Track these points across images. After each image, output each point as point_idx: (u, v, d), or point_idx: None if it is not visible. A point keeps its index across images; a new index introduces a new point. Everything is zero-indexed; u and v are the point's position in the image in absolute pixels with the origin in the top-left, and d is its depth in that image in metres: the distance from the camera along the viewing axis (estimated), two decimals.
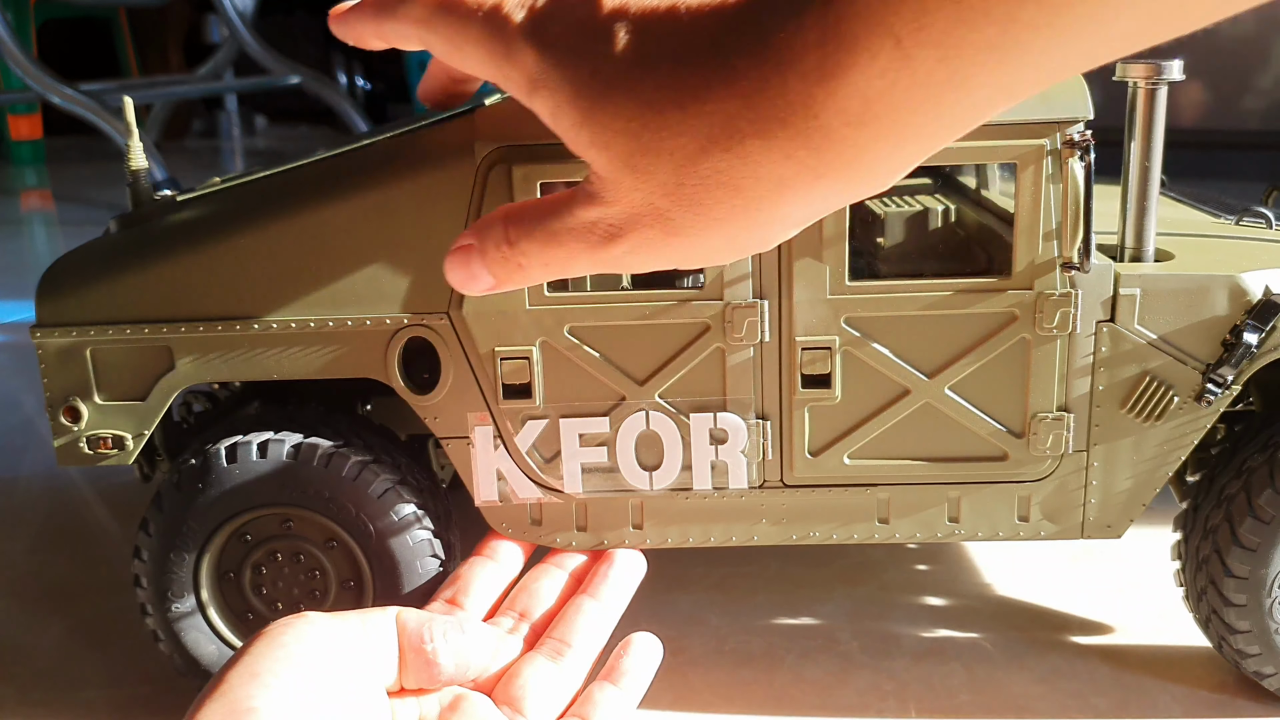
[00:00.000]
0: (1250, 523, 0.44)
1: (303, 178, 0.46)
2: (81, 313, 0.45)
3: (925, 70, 0.25)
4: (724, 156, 0.29)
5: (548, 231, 0.33)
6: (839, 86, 0.26)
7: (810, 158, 0.28)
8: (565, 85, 0.31)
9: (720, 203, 0.30)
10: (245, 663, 0.34)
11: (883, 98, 0.26)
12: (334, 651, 0.36)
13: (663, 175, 0.30)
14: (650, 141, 0.30)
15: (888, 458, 0.45)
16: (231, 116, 2.95)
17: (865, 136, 0.27)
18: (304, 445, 0.45)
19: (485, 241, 0.34)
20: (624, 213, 0.31)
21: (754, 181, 0.29)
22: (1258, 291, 0.43)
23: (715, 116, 0.29)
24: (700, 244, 0.31)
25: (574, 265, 0.33)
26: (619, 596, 0.44)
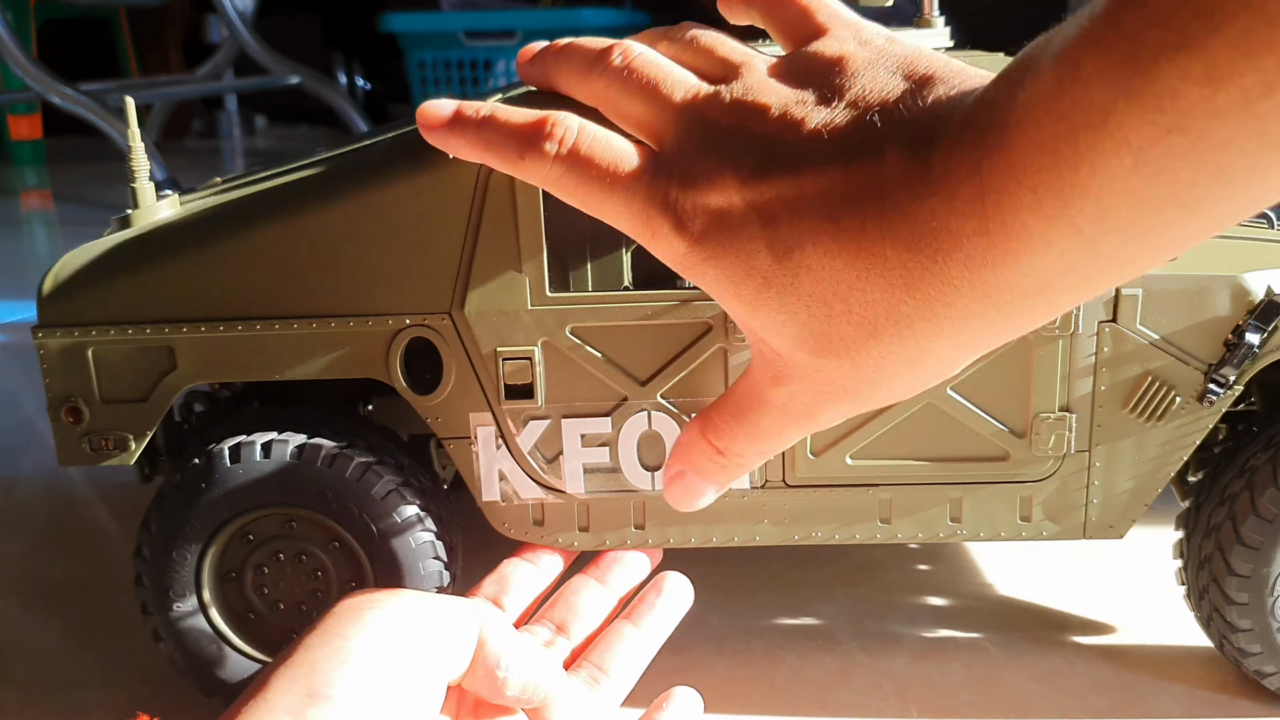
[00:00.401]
0: (1253, 521, 0.44)
1: (304, 178, 0.46)
2: (83, 313, 0.45)
3: (1109, 251, 0.25)
4: (894, 340, 0.29)
5: (750, 426, 0.34)
6: (1012, 270, 0.26)
7: (985, 328, 0.28)
8: (722, 280, 0.31)
9: (899, 374, 0.30)
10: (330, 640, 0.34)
11: (1063, 275, 0.26)
12: (414, 637, 0.35)
13: (838, 358, 0.30)
14: (819, 329, 0.30)
15: (889, 458, 0.45)
16: (231, 116, 2.95)
17: (1044, 302, 0.27)
18: (308, 446, 0.45)
19: (697, 461, 0.35)
20: (810, 389, 0.32)
21: (929, 354, 0.29)
22: (1260, 292, 0.43)
23: (878, 305, 0.28)
24: (889, 397, 0.32)
25: (784, 441, 0.34)
26: (662, 627, 0.44)
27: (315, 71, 2.19)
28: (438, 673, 0.36)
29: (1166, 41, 0.21)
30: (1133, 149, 0.22)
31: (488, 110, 0.35)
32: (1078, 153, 0.23)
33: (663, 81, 0.33)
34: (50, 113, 2.24)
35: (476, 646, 0.37)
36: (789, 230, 0.29)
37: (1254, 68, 0.20)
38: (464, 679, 0.37)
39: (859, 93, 0.30)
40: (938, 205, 0.27)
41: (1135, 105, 0.22)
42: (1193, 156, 0.22)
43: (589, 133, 0.33)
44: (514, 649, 0.38)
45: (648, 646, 0.43)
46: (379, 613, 0.35)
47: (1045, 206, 0.24)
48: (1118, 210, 0.24)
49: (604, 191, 0.33)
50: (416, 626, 0.35)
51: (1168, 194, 0.23)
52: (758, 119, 0.31)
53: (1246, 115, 0.21)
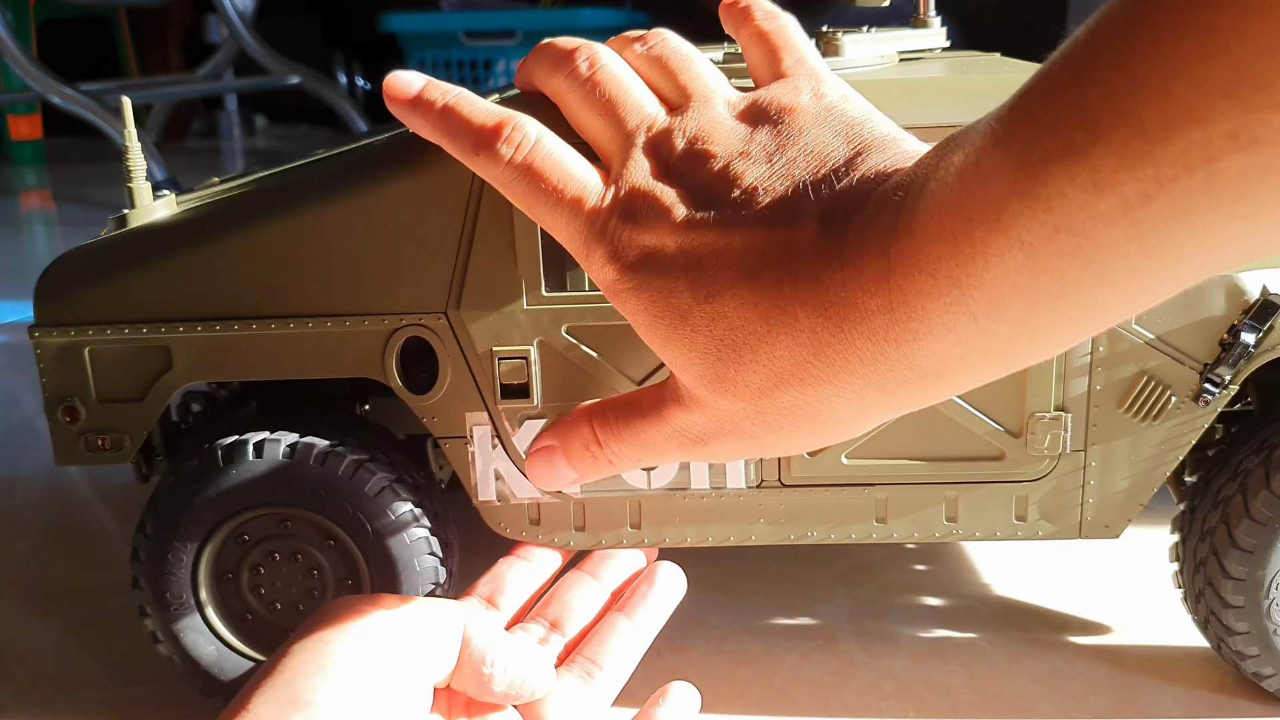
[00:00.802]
0: (1247, 524, 0.44)
1: (301, 178, 0.46)
2: (79, 313, 0.45)
3: (1002, 340, 0.26)
4: (798, 395, 0.30)
5: (636, 434, 0.35)
6: (910, 349, 0.27)
7: (884, 399, 0.29)
8: (642, 311, 0.32)
9: (799, 427, 0.31)
10: (309, 647, 0.34)
11: (959, 360, 0.27)
12: (397, 642, 0.35)
13: (741, 401, 0.31)
14: (726, 373, 0.31)
15: (885, 457, 0.45)
16: (231, 116, 2.95)
17: (941, 384, 0.28)
18: (300, 445, 0.45)
19: (570, 442, 0.36)
20: (709, 423, 0.33)
21: (830, 414, 0.30)
22: (1255, 291, 0.43)
23: (785, 361, 0.30)
24: (787, 448, 0.33)
25: (664, 459, 0.35)
26: (656, 617, 0.44)
27: (315, 71, 2.19)
28: (422, 675, 0.36)
29: (1055, 148, 0.22)
30: (1023, 245, 0.23)
31: (453, 97, 0.36)
32: (974, 246, 0.24)
33: (621, 104, 0.35)
34: (50, 113, 2.25)
35: (461, 645, 0.37)
36: (712, 278, 0.31)
37: (1133, 178, 0.21)
38: (452, 679, 0.38)
39: (798, 151, 0.31)
40: (847, 278, 0.28)
41: (1026, 205, 0.23)
42: (1079, 256, 0.23)
43: (545, 146, 0.34)
44: (499, 645, 0.38)
45: (641, 639, 0.43)
46: (360, 618, 0.35)
47: (944, 293, 0.25)
48: (1010, 303, 0.25)
49: (548, 206, 0.34)
50: (398, 630, 0.35)
51: (1056, 290, 0.24)
52: (701, 165, 0.32)
53: (1127, 221, 0.21)
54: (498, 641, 0.38)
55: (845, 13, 0.53)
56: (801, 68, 0.35)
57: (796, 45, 0.36)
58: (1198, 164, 0.20)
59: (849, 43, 0.45)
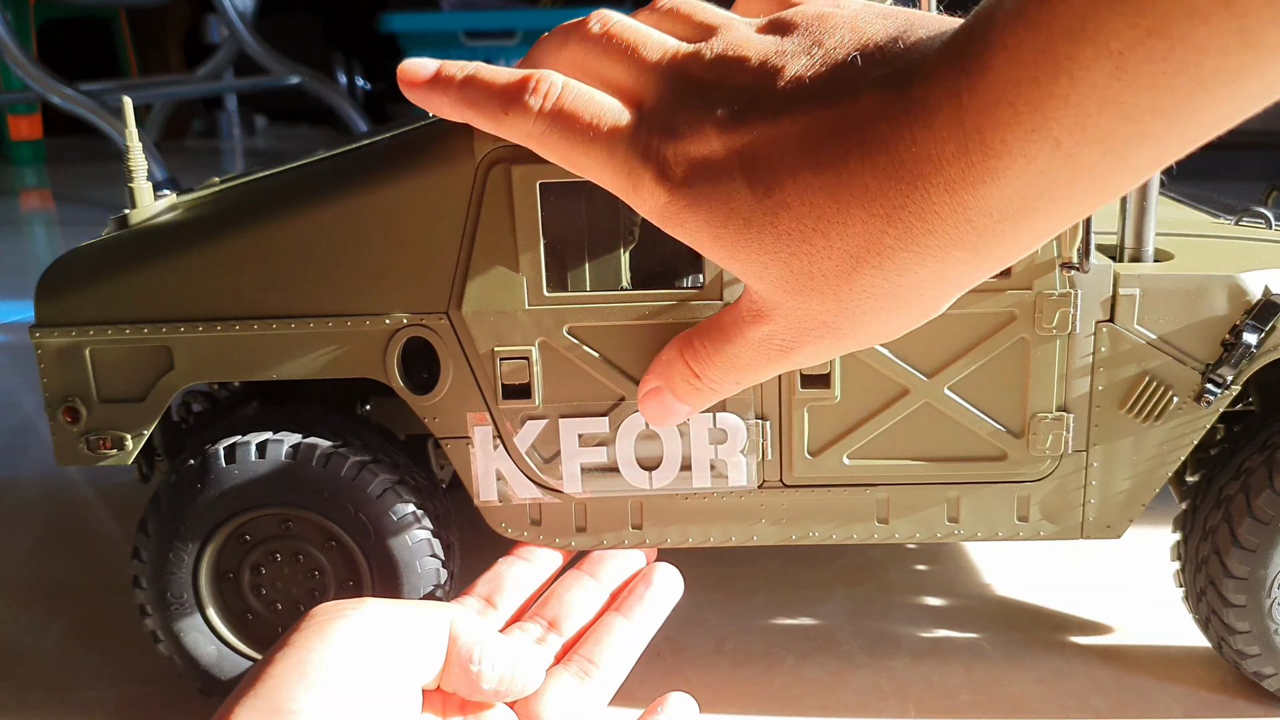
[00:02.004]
0: (1249, 523, 0.44)
1: (302, 178, 0.46)
2: (80, 313, 0.45)
3: (1088, 164, 0.25)
4: (876, 272, 0.29)
5: (727, 357, 0.34)
6: (992, 191, 0.26)
7: (967, 254, 0.28)
8: (703, 226, 0.31)
9: (883, 309, 0.30)
10: (291, 655, 0.34)
11: (1043, 193, 0.26)
12: (382, 647, 0.35)
13: (820, 295, 0.30)
14: (800, 268, 0.30)
15: (887, 458, 0.45)
16: (231, 116, 2.95)
17: (1024, 226, 0.27)
18: (302, 445, 0.45)
19: (672, 379, 0.36)
20: (792, 327, 0.32)
21: (912, 287, 0.29)
22: (1257, 292, 0.43)
23: (859, 238, 0.28)
24: (873, 336, 0.32)
25: (761, 375, 0.34)
26: (653, 618, 0.44)
27: (315, 71, 2.19)
28: (409, 677, 0.36)
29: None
30: (1112, 55, 0.22)
31: (471, 69, 0.35)
32: (1056, 63, 0.23)
33: (641, 45, 0.34)
34: (50, 113, 2.25)
35: (449, 645, 0.37)
36: (769, 169, 0.29)
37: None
38: (441, 680, 0.37)
39: (838, 41, 0.30)
40: (917, 131, 0.27)
41: (1115, 10, 0.22)
42: (1173, 59, 0.22)
43: (572, 89, 0.33)
44: (486, 643, 0.38)
45: (638, 638, 0.43)
46: (343, 623, 0.35)
47: (1024, 121, 0.24)
48: (1097, 120, 0.23)
49: (586, 145, 0.33)
50: (382, 634, 0.35)
51: (1148, 102, 0.23)
52: (738, 70, 0.31)
53: (1228, 14, 0.20)
54: (484, 639, 0.38)
55: None
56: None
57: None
58: None
59: None
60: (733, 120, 0.30)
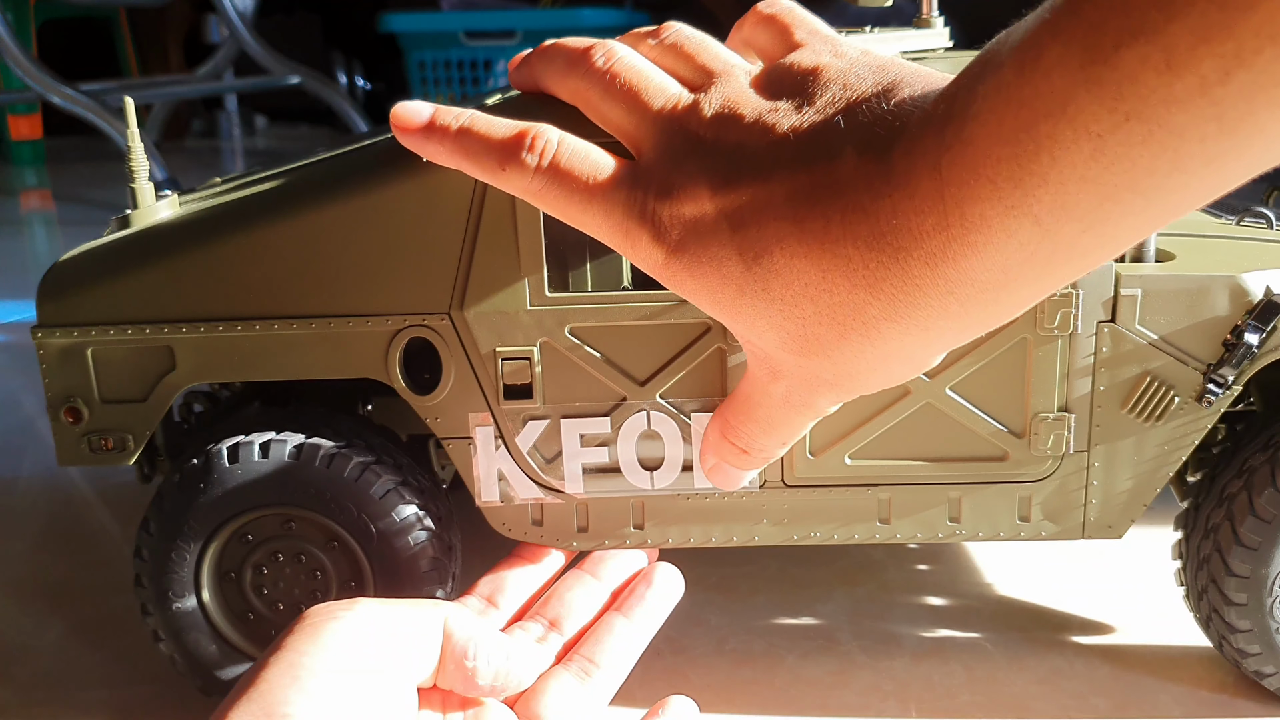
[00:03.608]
0: (1251, 521, 0.44)
1: (304, 178, 0.46)
2: (82, 313, 0.45)
3: (1067, 239, 0.25)
4: (863, 340, 0.29)
5: (760, 423, 0.35)
6: (973, 264, 0.26)
7: (951, 323, 0.28)
8: (700, 290, 0.32)
9: (876, 369, 0.31)
10: (284, 658, 0.34)
11: (1023, 266, 0.26)
12: (374, 647, 0.35)
13: (818, 356, 0.31)
14: (795, 331, 0.30)
15: (888, 458, 0.45)
16: (231, 116, 2.95)
17: (1006, 295, 0.27)
18: (306, 446, 0.45)
19: (725, 456, 0.37)
20: (802, 384, 0.32)
21: (899, 351, 0.30)
22: (1259, 292, 0.43)
23: (845, 307, 0.29)
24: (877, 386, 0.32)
25: (798, 430, 0.35)
26: (653, 618, 0.44)
27: (315, 71, 2.19)
28: (403, 677, 0.36)
29: (1126, 28, 0.21)
30: (1092, 136, 0.22)
31: (466, 119, 0.36)
32: (1037, 141, 0.23)
33: (643, 89, 0.34)
34: (50, 113, 2.25)
35: (443, 642, 0.37)
36: (756, 235, 0.30)
37: (1211, 53, 0.20)
38: (437, 678, 0.38)
39: (829, 99, 0.30)
40: (898, 202, 0.27)
41: (1095, 92, 0.22)
42: (1151, 143, 0.22)
43: (569, 146, 0.34)
44: (479, 640, 0.38)
45: (639, 638, 0.43)
46: (336, 624, 0.35)
47: (1004, 197, 0.24)
48: (1076, 199, 0.24)
49: (584, 203, 0.33)
50: (375, 634, 0.35)
51: (1126, 182, 0.23)
52: (732, 128, 0.31)
53: (1204, 101, 0.21)
54: (479, 635, 0.38)
55: (846, 13, 0.53)
56: (815, 36, 0.34)
57: (805, 19, 0.35)
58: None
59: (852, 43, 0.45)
60: (724, 183, 0.31)
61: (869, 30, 0.47)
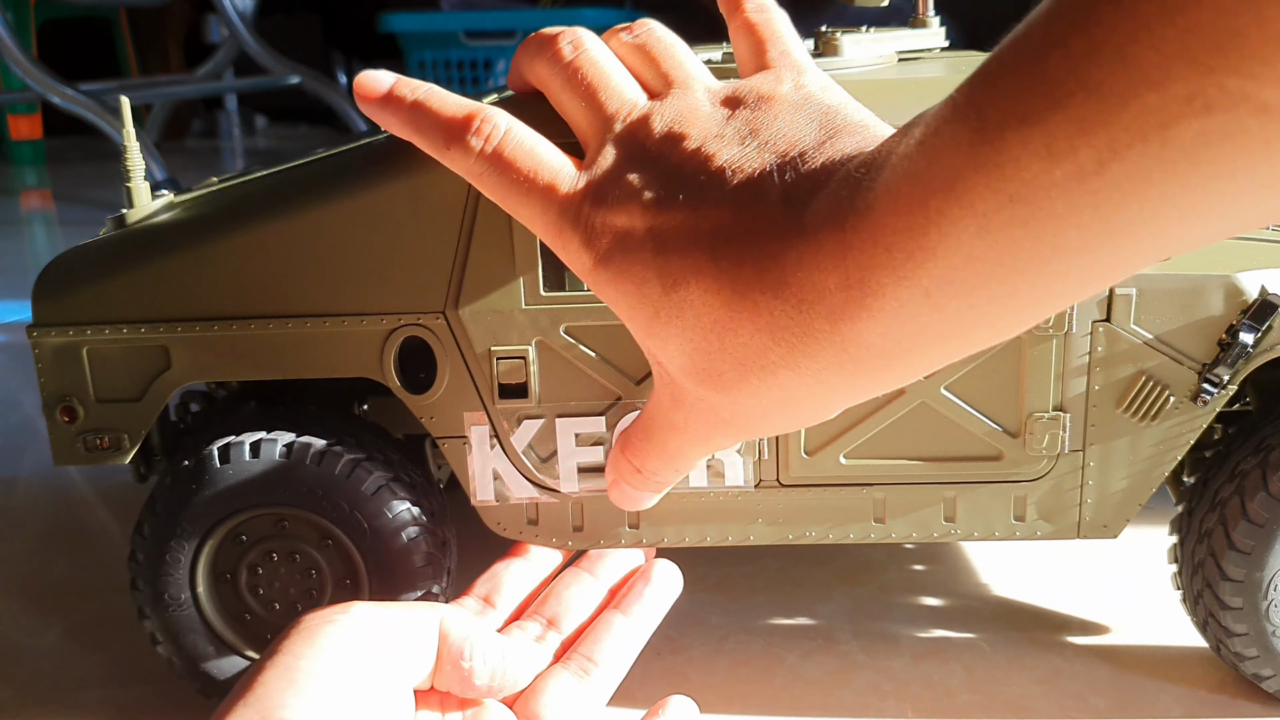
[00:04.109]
0: (1244, 526, 0.44)
1: (299, 177, 0.46)
2: (77, 312, 0.45)
3: (954, 316, 0.25)
4: (761, 383, 0.30)
5: (658, 446, 0.36)
6: (867, 327, 0.27)
7: (845, 380, 0.29)
8: (620, 302, 0.32)
9: (772, 414, 0.31)
10: (280, 662, 0.34)
11: (914, 336, 0.27)
12: (371, 650, 0.35)
13: (718, 390, 0.31)
14: (701, 362, 0.31)
15: (883, 457, 0.45)
16: (231, 116, 2.95)
17: (898, 363, 0.28)
18: (296, 444, 0.45)
19: (622, 474, 0.38)
20: (699, 416, 0.33)
21: (794, 400, 0.30)
22: (1254, 291, 0.43)
23: (748, 349, 0.30)
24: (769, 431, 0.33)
25: (691, 460, 0.36)
26: (652, 615, 0.44)
27: (315, 71, 2.19)
28: (400, 679, 0.36)
29: (1013, 113, 0.22)
30: (977, 215, 0.23)
31: (423, 94, 0.36)
32: (928, 216, 0.24)
33: (601, 89, 0.35)
34: (50, 113, 2.25)
35: (440, 644, 0.37)
36: (678, 263, 0.30)
37: (1088, 144, 0.20)
38: (434, 679, 0.38)
39: (771, 135, 0.31)
40: (804, 256, 0.28)
41: (981, 173, 0.22)
42: (1033, 226, 0.22)
43: (515, 135, 0.34)
44: (475, 640, 0.38)
45: (637, 636, 0.43)
46: (331, 628, 0.35)
47: (898, 266, 0.25)
48: (963, 275, 0.24)
49: (522, 195, 0.34)
50: (370, 637, 0.35)
51: (1010, 263, 0.23)
52: (676, 148, 0.32)
53: (1081, 190, 0.21)
54: (474, 635, 0.38)
55: (845, 12, 0.53)
56: (785, 60, 0.35)
57: (782, 38, 0.36)
58: (1153, 130, 0.19)
59: (848, 43, 0.45)
60: (657, 204, 0.31)
61: (865, 30, 0.47)
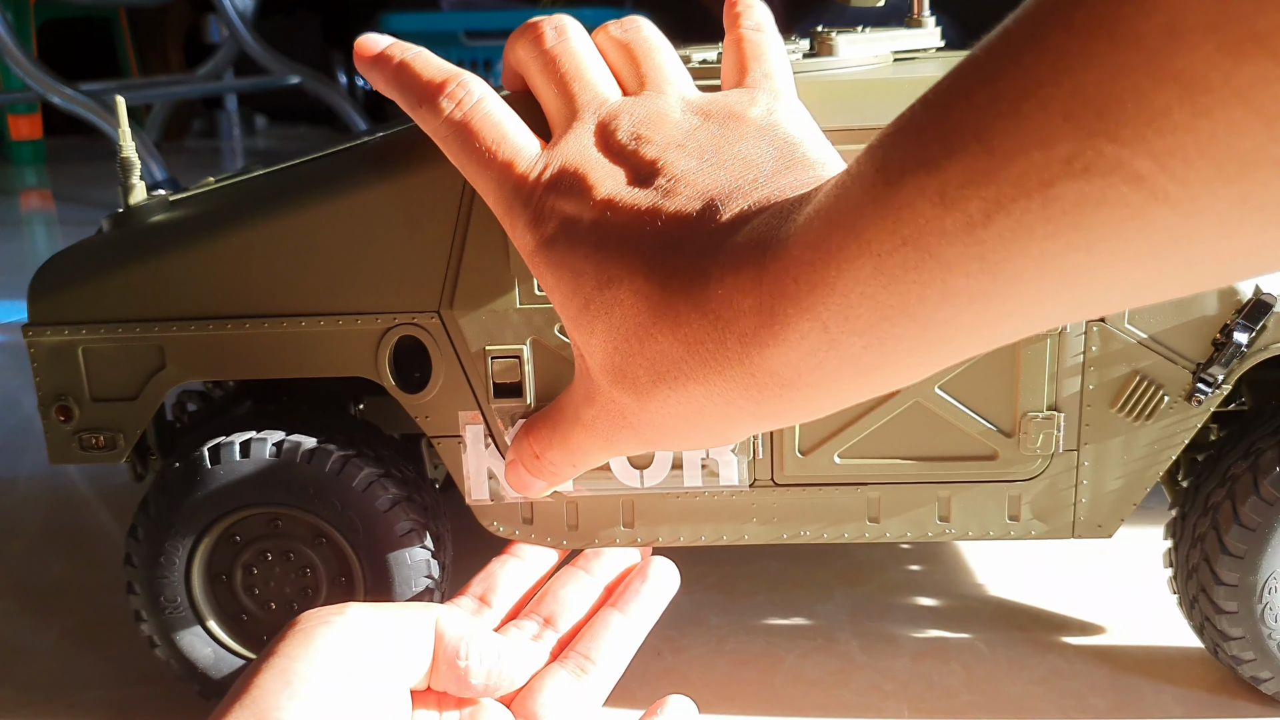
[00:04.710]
0: (1237, 530, 0.44)
1: (295, 177, 0.46)
2: (73, 311, 0.45)
3: (851, 355, 0.26)
4: (671, 393, 0.31)
5: (561, 436, 0.36)
6: (773, 354, 0.27)
7: (749, 405, 0.30)
8: (555, 289, 0.33)
9: (677, 429, 0.32)
10: (276, 664, 0.34)
11: (814, 371, 0.27)
12: (366, 651, 0.35)
13: (631, 392, 0.32)
14: (621, 363, 0.32)
15: (878, 457, 0.45)
16: (231, 116, 2.95)
17: (798, 396, 0.29)
18: (286, 443, 0.45)
19: (521, 456, 0.38)
20: (608, 416, 0.34)
21: (699, 417, 0.31)
22: (1248, 291, 0.43)
23: (665, 357, 0.30)
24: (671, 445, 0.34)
25: (592, 458, 0.36)
26: (649, 613, 0.44)
27: (315, 71, 2.19)
28: (396, 680, 0.36)
29: (912, 158, 0.22)
30: (873, 255, 0.23)
31: (411, 54, 0.37)
32: (830, 252, 0.25)
33: (575, 79, 0.35)
34: (50, 113, 2.25)
35: (435, 643, 0.37)
36: (615, 261, 0.31)
37: (977, 195, 0.21)
38: (431, 679, 0.38)
39: (729, 156, 0.32)
40: (726, 275, 0.28)
41: (879, 213, 0.23)
42: (923, 270, 0.23)
43: (485, 106, 0.35)
44: (471, 640, 0.38)
45: (635, 634, 0.43)
46: (326, 629, 0.35)
47: (802, 298, 0.26)
48: (858, 313, 0.25)
49: (481, 166, 0.34)
50: (366, 638, 0.35)
51: (900, 305, 0.24)
52: (637, 149, 0.33)
53: (969, 240, 0.21)
54: (470, 634, 0.38)
55: (842, 13, 0.53)
56: (765, 83, 0.36)
57: (769, 60, 0.37)
58: (1035, 187, 0.20)
59: (843, 43, 0.45)
60: (608, 199, 0.32)
61: (862, 30, 0.47)
